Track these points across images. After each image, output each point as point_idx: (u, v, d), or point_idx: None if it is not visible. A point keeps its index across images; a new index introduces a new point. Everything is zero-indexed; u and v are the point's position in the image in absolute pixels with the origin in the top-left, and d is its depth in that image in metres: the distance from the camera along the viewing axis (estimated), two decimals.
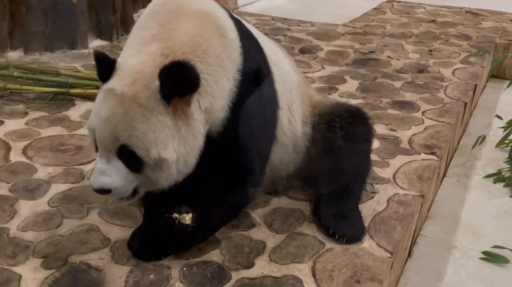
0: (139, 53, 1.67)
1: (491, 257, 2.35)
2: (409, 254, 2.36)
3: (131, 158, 1.58)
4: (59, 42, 3.74)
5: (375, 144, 2.49)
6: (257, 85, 1.83)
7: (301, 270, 1.75)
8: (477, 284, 2.22)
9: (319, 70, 3.70)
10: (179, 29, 1.69)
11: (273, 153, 2.00)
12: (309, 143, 2.11)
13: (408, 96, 3.30)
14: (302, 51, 4.12)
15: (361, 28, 4.87)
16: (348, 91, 3.32)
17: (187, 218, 1.73)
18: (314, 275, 1.73)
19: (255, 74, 1.82)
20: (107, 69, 1.64)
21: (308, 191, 2.17)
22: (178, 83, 1.54)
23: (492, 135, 3.47)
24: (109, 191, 1.61)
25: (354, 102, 3.03)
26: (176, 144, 1.60)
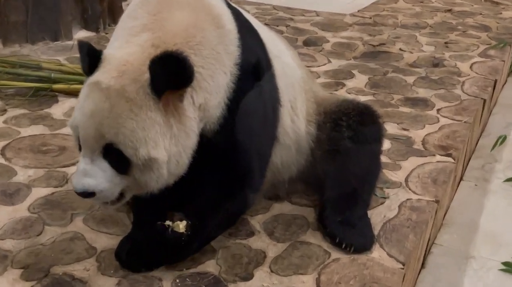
0: (127, 44, 1.67)
1: None
2: (423, 265, 2.36)
3: (118, 158, 1.58)
4: (41, 33, 3.74)
5: (385, 144, 2.49)
6: (256, 80, 1.83)
7: (304, 282, 1.74)
8: None
9: (324, 64, 3.70)
10: (171, 19, 1.69)
11: (274, 154, 2.00)
12: (314, 144, 2.11)
13: (421, 92, 3.29)
14: (306, 43, 4.11)
15: (370, 18, 4.87)
16: (356, 87, 3.32)
17: (181, 226, 1.73)
18: None
19: (254, 68, 1.82)
20: (93, 62, 1.63)
21: (312, 196, 2.17)
22: (170, 76, 1.54)
23: None
24: (93, 194, 1.60)
25: (362, 99, 3.03)
26: (167, 143, 1.59)
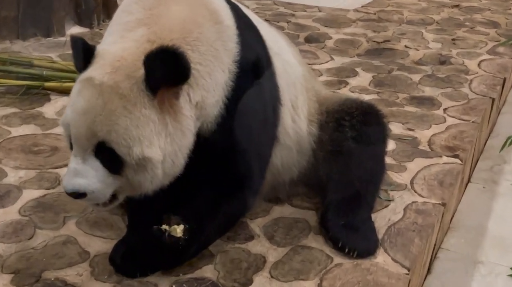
0: (122, 40, 1.67)
1: None
2: (429, 270, 2.36)
3: (110, 157, 1.57)
4: (33, 28, 3.74)
5: (390, 145, 2.49)
6: (256, 79, 1.83)
7: None
8: None
9: (327, 62, 3.70)
10: (167, 14, 1.70)
11: (275, 155, 2.01)
12: (316, 145, 2.11)
13: (428, 91, 3.29)
14: (308, 40, 4.11)
15: (375, 14, 4.87)
16: (360, 85, 3.32)
17: (178, 230, 1.73)
18: None
19: (254, 66, 1.82)
20: (85, 57, 1.63)
21: (314, 198, 2.17)
22: (165, 72, 1.53)
23: None
24: (84, 195, 1.59)
25: (366, 97, 3.03)
26: (162, 142, 1.59)
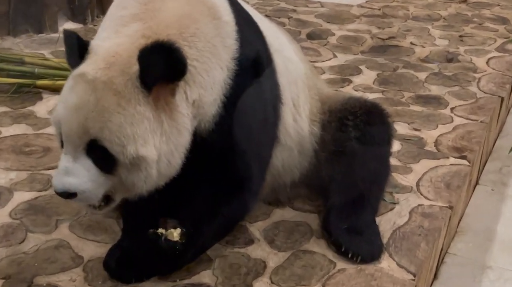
0: (116, 35, 1.67)
1: None
2: (435, 276, 2.36)
3: (102, 155, 1.56)
4: (24, 24, 3.74)
5: (395, 146, 2.49)
6: (255, 76, 1.83)
7: None
8: None
9: (329, 59, 3.70)
10: (163, 8, 1.70)
11: (275, 156, 2.00)
12: (318, 145, 2.11)
13: (434, 89, 3.29)
14: (310, 37, 4.11)
15: (379, 9, 4.87)
16: (364, 84, 3.32)
17: (175, 234, 1.73)
18: None
19: (254, 64, 1.82)
20: (79, 53, 1.63)
21: (316, 201, 2.17)
22: (160, 68, 1.53)
23: None
24: (75, 195, 1.58)
25: (370, 96, 3.03)
26: (157, 141, 1.58)
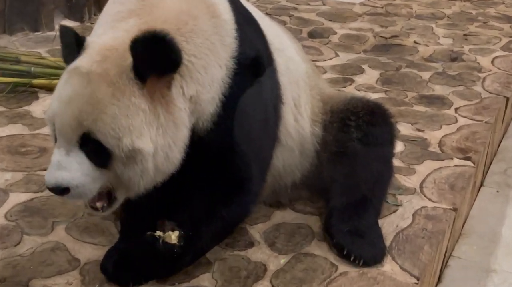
0: (112, 30, 1.68)
1: None
2: (439, 280, 2.36)
3: (96, 149, 1.55)
4: (20, 22, 3.74)
5: (398, 147, 2.48)
6: (255, 76, 1.83)
7: None
8: None
9: (331, 58, 3.70)
10: (161, 5, 1.70)
11: (276, 157, 2.00)
12: (319, 146, 2.11)
13: (438, 89, 3.29)
14: (311, 35, 4.11)
15: (382, 7, 4.87)
16: (366, 83, 3.32)
17: (173, 237, 1.73)
18: None
19: (254, 63, 1.82)
20: (75, 49, 1.64)
21: (317, 203, 2.17)
22: (153, 58, 1.53)
23: None
24: (67, 190, 1.56)
25: (373, 96, 3.03)
26: (153, 133, 1.58)
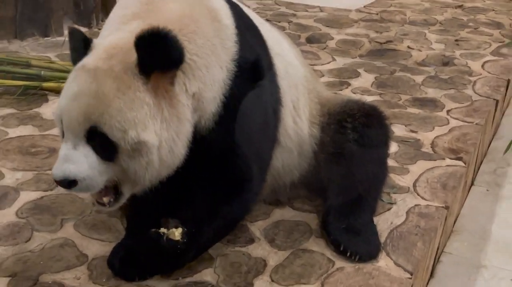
0: (117, 32, 1.68)
1: None
2: (431, 275, 2.36)
3: (102, 142, 1.55)
4: (31, 28, 3.74)
5: (392, 147, 2.48)
6: (255, 79, 1.82)
7: None
8: None
9: (328, 62, 3.70)
10: (164, 8, 1.70)
11: (275, 157, 2.00)
12: (317, 147, 2.10)
13: (431, 92, 3.29)
14: (309, 40, 4.11)
15: (377, 14, 4.87)
16: (362, 87, 3.32)
17: (177, 233, 1.72)
18: None
19: (254, 67, 1.81)
20: (83, 50, 1.64)
21: (315, 201, 2.16)
22: (157, 54, 1.53)
23: None
24: (75, 182, 1.54)
25: (369, 99, 3.03)
26: (157, 127, 1.57)
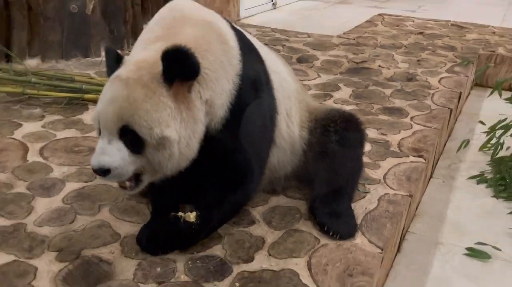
0: (144, 51, 1.69)
1: (474, 253, 2.35)
2: (398, 250, 2.35)
3: (132, 138, 1.55)
4: (74, 50, 3.75)
5: (367, 147, 2.48)
6: (256, 90, 1.82)
7: (297, 264, 1.74)
8: (461, 278, 2.21)
9: (315, 78, 3.69)
10: (182, 32, 1.70)
11: (272, 155, 2.00)
12: (306, 146, 2.10)
13: (397, 102, 3.29)
14: (299, 60, 4.11)
15: (354, 39, 4.86)
16: (342, 98, 3.32)
17: (192, 216, 1.73)
18: (309, 269, 1.72)
19: (254, 81, 1.81)
20: (116, 64, 1.66)
21: (304, 190, 2.16)
22: (178, 66, 1.54)
23: (475, 140, 3.47)
24: (109, 171, 1.55)
25: (347, 108, 3.03)
26: (177, 125, 1.57)
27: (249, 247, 1.81)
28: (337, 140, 2.05)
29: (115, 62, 1.67)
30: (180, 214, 1.73)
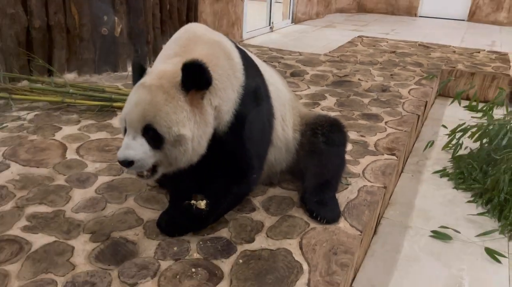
0: (164, 64, 1.69)
1: (438, 235, 2.35)
2: (375, 232, 2.35)
3: (154, 135, 1.55)
4: (105, 66, 3.74)
5: (349, 147, 2.48)
6: (256, 99, 1.82)
7: (291, 244, 1.74)
8: (427, 256, 2.21)
9: (305, 89, 3.69)
10: (195, 49, 1.70)
11: (270, 153, 1.99)
12: (298, 146, 2.09)
13: (374, 109, 3.28)
14: (292, 75, 4.11)
15: (338, 57, 4.86)
16: (327, 106, 3.31)
17: (203, 204, 1.72)
18: (301, 248, 1.72)
19: (255, 91, 1.81)
20: (140, 74, 1.66)
21: (296, 183, 2.16)
22: (195, 77, 1.54)
23: (439, 140, 3.47)
24: (132, 163, 1.54)
25: (332, 114, 3.02)
26: (192, 126, 1.57)
27: (250, 230, 1.81)
28: (324, 141, 2.04)
29: (139, 72, 1.67)
30: (192, 202, 1.73)
